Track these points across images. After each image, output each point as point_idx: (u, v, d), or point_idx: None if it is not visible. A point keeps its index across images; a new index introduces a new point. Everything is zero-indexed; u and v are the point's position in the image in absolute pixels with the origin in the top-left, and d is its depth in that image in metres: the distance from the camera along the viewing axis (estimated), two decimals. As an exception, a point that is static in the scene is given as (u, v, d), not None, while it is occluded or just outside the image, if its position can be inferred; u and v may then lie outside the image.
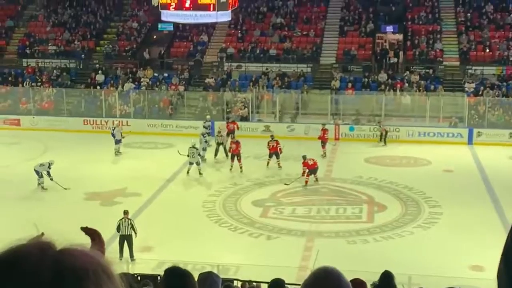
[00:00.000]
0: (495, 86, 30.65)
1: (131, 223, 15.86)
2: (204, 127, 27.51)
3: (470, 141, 27.78)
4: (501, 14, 34.83)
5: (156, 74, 33.91)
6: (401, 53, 34.11)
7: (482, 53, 33.06)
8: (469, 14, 35.19)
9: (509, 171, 23.53)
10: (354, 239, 17.22)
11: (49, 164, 21.29)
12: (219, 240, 17.14)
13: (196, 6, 20.99)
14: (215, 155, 25.24)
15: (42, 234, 2.18)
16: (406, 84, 31.58)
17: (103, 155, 25.56)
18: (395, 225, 18.30)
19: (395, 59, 33.73)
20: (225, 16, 23.52)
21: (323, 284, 1.72)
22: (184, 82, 33.28)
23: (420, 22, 35.34)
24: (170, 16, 21.95)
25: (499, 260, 1.36)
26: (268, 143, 24.29)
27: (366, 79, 32.17)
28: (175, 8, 21.58)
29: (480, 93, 30.28)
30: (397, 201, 20.32)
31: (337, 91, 31.49)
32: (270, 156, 24.10)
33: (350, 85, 31.74)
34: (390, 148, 26.77)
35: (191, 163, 22.97)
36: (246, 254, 16.31)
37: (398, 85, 31.48)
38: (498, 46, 33.03)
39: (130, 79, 33.59)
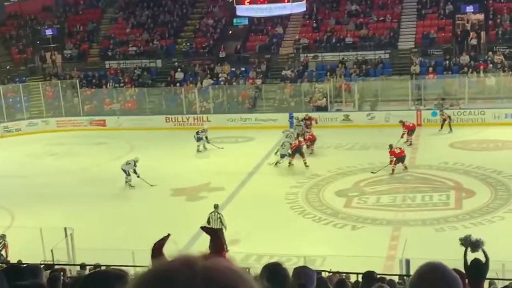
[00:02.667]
0: None
1: (220, 217, 16.11)
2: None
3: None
4: None
5: (233, 69, 34.20)
6: (483, 33, 32.96)
7: None
8: (555, -12, 33.58)
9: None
10: (443, 227, 16.81)
11: (135, 162, 21.86)
12: (303, 232, 17.14)
13: (270, -1, 21.03)
14: None
15: (169, 235, 2.24)
16: (490, 65, 30.51)
17: (186, 151, 26.04)
18: (484, 211, 17.74)
19: (477, 40, 32.62)
20: (299, 7, 23.48)
21: (430, 282, 1.68)
22: (261, 75, 33.42)
23: (502, 0, 34.00)
24: (245, 10, 22.09)
25: None
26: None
27: (447, 62, 31.29)
28: (250, 3, 21.69)
29: None
30: (485, 186, 19.69)
31: (417, 76, 30.80)
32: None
33: (430, 69, 30.96)
34: (476, 132, 25.94)
35: (282, 156, 22.98)
36: (332, 245, 16.22)
37: (481, 67, 30.45)
38: None
39: (209, 75, 34.05)
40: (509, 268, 12.12)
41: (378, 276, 7.81)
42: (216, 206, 16.40)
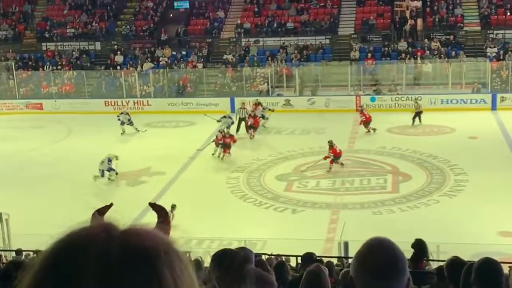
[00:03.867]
0: (518, 50, 30.18)
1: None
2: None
3: (493, 107, 27.45)
4: (522, -25, 34.12)
5: (174, 53, 33.88)
6: (420, 20, 33.66)
7: (503, 16, 32.50)
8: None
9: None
10: (380, 210, 17.18)
11: (109, 159, 20.49)
12: (244, 216, 17.22)
13: (211, -18, 20.87)
14: (237, 130, 25.25)
15: (111, 204, 2.19)
16: (427, 52, 31.21)
17: (126, 136, 25.72)
18: (420, 194, 18.21)
19: (415, 27, 33.29)
20: (241, -9, 23.37)
21: (379, 252, 1.72)
22: (202, 60, 33.23)
23: (439, -12, 34.78)
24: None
25: None
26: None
27: (386, 49, 31.85)
28: (191, -15, 21.48)
29: (502, 57, 29.83)
30: (421, 170, 20.20)
31: (356, 61, 31.23)
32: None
33: (369, 55, 31.45)
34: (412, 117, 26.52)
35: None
36: (272, 228, 16.37)
37: (419, 53, 31.12)
38: (519, 8, 32.46)
39: (149, 59, 33.63)
40: (444, 249, 12.49)
41: (317, 257, 7.92)
42: (173, 206, 15.74)
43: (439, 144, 22.72)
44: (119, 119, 25.79)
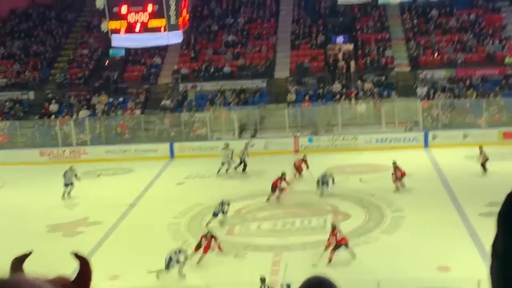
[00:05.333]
0: (446, 89, 31.32)
1: None
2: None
3: (426, 144, 28.29)
4: (446, 18, 35.68)
5: (111, 100, 33.63)
6: (353, 62, 34.61)
7: (431, 57, 33.78)
8: (415, 21, 35.97)
9: (466, 171, 23.97)
10: (321, 250, 17.27)
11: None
12: (186, 262, 17.00)
13: (146, 29, 20.90)
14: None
15: (31, 252, 2.14)
16: (361, 93, 32.04)
17: (63, 185, 25.15)
18: (360, 232, 18.46)
19: (348, 69, 34.20)
20: (176, 37, 23.46)
21: None
22: (140, 106, 33.10)
23: (369, 31, 35.97)
24: (121, 41, 21.82)
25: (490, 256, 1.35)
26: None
27: (321, 90, 32.53)
28: (126, 32, 21.48)
29: (432, 96, 30.90)
30: (360, 208, 20.52)
31: (293, 104, 31.74)
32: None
33: (306, 97, 32.03)
34: (351, 157, 27.01)
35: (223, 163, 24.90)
36: (215, 273, 16.22)
37: (353, 94, 31.91)
38: (445, 49, 33.79)
39: (85, 107, 33.26)
40: (384, 286, 12.66)
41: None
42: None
43: (376, 182, 23.17)
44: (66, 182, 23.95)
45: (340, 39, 35.20)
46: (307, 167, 24.34)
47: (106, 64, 36.61)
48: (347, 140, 28.45)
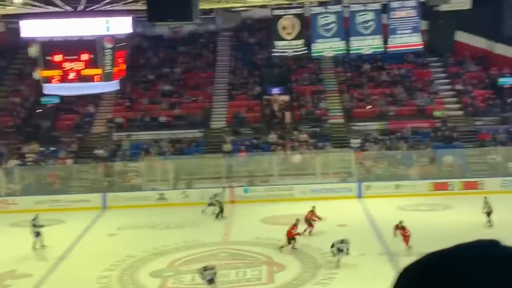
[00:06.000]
0: (379, 141, 32.05)
1: None
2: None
3: (359, 195, 28.70)
4: (378, 72, 36.80)
5: (42, 149, 32.81)
6: (288, 113, 35.08)
7: (364, 109, 34.61)
8: (348, 74, 36.94)
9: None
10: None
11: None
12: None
13: (81, 78, 20.58)
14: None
15: None
16: (296, 143, 32.39)
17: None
18: (295, 283, 18.37)
19: (284, 120, 34.62)
20: (111, 86, 23.21)
21: None
22: (72, 155, 32.42)
23: (304, 83, 36.68)
24: (53, 89, 21.39)
25: None
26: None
27: (257, 141, 32.73)
28: (59, 81, 21.14)
29: (365, 148, 31.54)
30: (295, 260, 20.47)
31: (229, 154, 31.77)
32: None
33: (242, 147, 32.12)
34: (286, 207, 27.05)
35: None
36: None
37: (288, 145, 32.23)
38: (377, 102, 34.73)
39: (15, 156, 32.31)
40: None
41: None
42: None
43: (311, 232, 23.22)
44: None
45: (276, 90, 35.71)
46: (319, 218, 23.53)
47: (38, 112, 35.85)
48: (282, 191, 28.56)
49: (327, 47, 26.66)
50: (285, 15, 26.19)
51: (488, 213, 23.55)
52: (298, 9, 26.61)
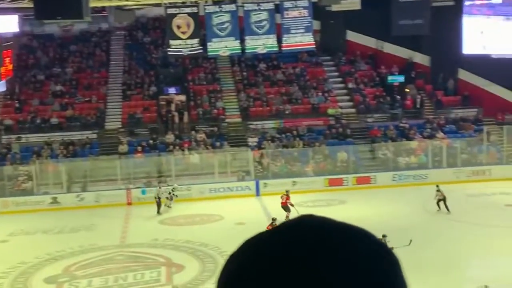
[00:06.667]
0: (275, 139, 32.48)
1: None
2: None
3: (257, 193, 28.97)
4: (273, 71, 37.30)
5: None
6: (185, 113, 34.86)
7: (261, 108, 34.97)
8: (244, 73, 37.21)
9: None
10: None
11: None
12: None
13: (-36, 78, 19.63)
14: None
15: None
16: (194, 143, 32.24)
17: None
18: (194, 283, 18.26)
19: (181, 120, 34.37)
20: (-2, 87, 22.33)
21: None
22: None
23: (201, 83, 36.58)
24: None
25: None
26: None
27: (154, 141, 32.29)
28: None
29: (263, 146, 31.86)
30: (194, 260, 20.35)
31: (125, 155, 31.15)
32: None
33: (139, 148, 31.57)
34: (184, 208, 26.87)
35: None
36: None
37: (186, 145, 32.02)
38: (273, 101, 35.19)
39: None
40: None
41: None
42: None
43: (210, 232, 23.21)
44: None
45: (172, 90, 35.38)
46: (292, 205, 23.68)
47: None
48: (180, 191, 28.33)
49: (223, 46, 26.77)
50: (179, 13, 26.04)
51: (440, 200, 24.53)
52: (193, 8, 26.53)
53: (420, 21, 29.44)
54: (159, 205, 26.37)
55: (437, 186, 25.25)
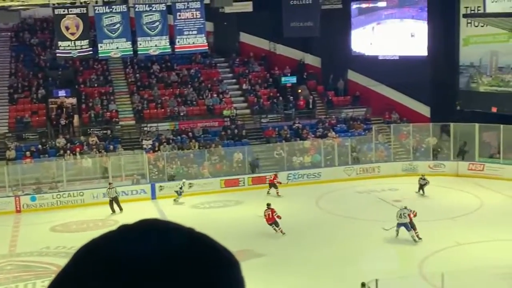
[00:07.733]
0: (171, 141, 32.21)
1: None
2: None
3: (153, 196, 28.60)
4: (167, 73, 36.98)
5: None
6: (76, 116, 33.88)
7: (155, 110, 34.56)
8: (138, 75, 36.65)
9: (195, 219, 24.55)
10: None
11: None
12: None
13: None
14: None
15: None
16: (86, 147, 31.38)
17: None
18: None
19: (71, 123, 33.37)
20: None
21: None
22: None
23: (93, 85, 35.67)
24: None
25: None
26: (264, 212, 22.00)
27: (44, 146, 31.15)
28: None
29: (158, 148, 31.50)
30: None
31: (13, 161, 29.86)
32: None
33: (27, 153, 30.33)
34: (76, 214, 26.08)
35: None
36: None
37: (78, 149, 31.11)
38: (168, 103, 34.89)
39: None
40: None
41: None
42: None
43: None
44: None
45: (62, 92, 34.26)
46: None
47: None
48: (72, 196, 27.51)
49: (114, 47, 26.28)
50: (68, 14, 25.30)
51: (423, 185, 26.62)
52: (82, 9, 25.86)
53: (311, 24, 30.21)
54: (111, 205, 25.91)
55: (422, 175, 27.39)
